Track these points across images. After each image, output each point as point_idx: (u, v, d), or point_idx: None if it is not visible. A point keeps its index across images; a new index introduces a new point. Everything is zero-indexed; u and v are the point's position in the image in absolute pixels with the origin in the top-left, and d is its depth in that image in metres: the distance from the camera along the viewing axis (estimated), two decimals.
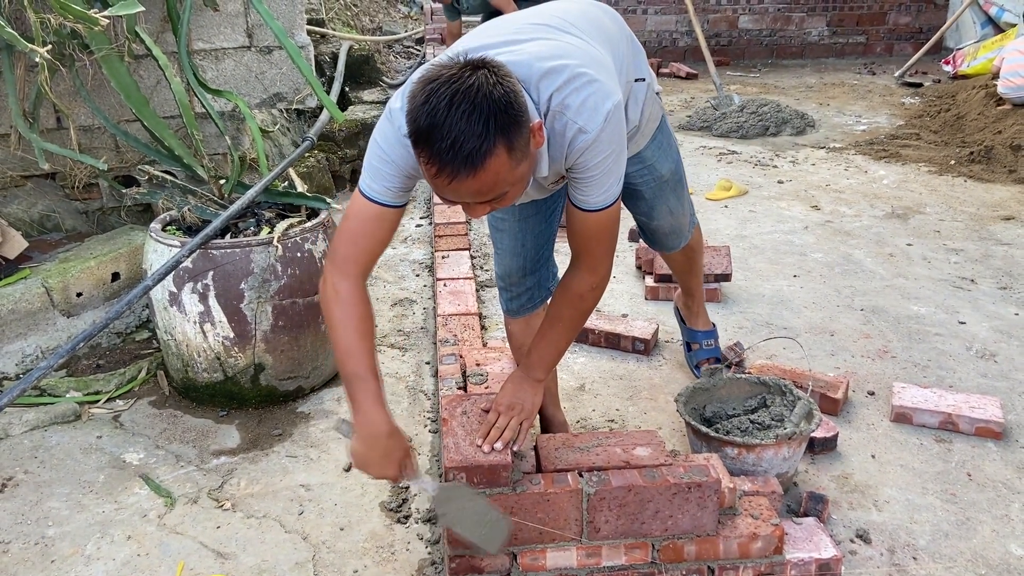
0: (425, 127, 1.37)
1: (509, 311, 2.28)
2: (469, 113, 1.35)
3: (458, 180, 1.39)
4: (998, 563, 1.99)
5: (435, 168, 1.39)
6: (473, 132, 1.35)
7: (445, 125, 1.35)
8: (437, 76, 1.40)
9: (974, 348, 2.99)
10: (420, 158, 1.42)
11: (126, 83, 2.87)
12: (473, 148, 1.36)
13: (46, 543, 2.12)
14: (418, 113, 1.38)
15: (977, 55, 6.87)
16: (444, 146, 1.36)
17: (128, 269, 3.15)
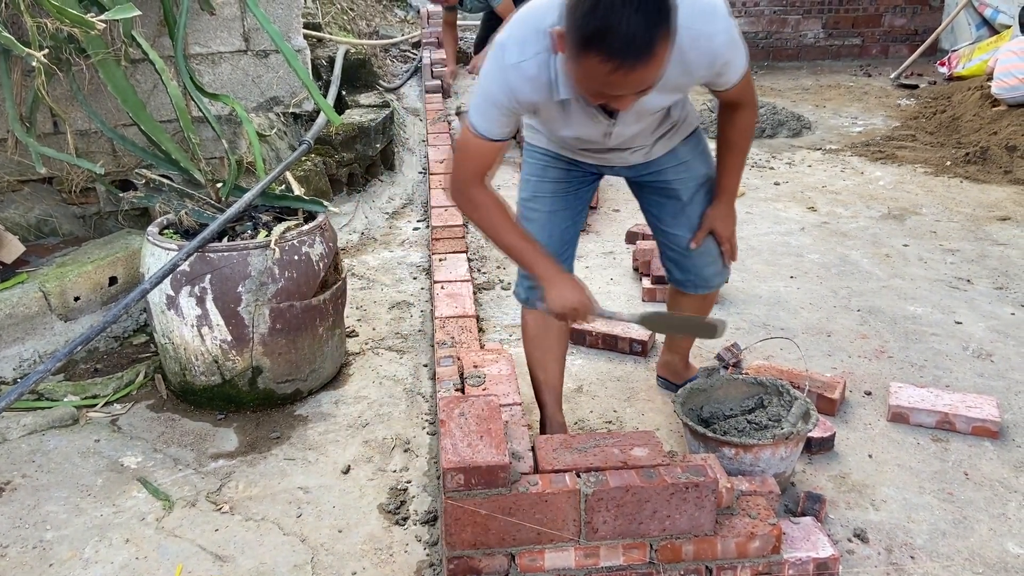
0: (600, 28, 1.49)
1: (528, 301, 2.29)
2: (640, 6, 1.48)
3: (635, 72, 1.54)
4: (995, 561, 2.00)
5: (612, 64, 1.52)
6: (646, 23, 1.49)
7: (621, 23, 1.47)
8: None
9: (970, 348, 2.99)
10: (594, 57, 1.53)
11: (123, 87, 2.87)
12: (648, 39, 1.50)
13: (44, 547, 2.12)
14: (588, 18, 1.50)
15: (972, 56, 6.88)
16: (621, 44, 1.49)
17: (125, 273, 3.15)
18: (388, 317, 3.39)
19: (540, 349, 2.35)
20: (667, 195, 2.26)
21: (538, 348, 2.34)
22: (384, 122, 4.89)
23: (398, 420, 2.66)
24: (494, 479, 1.73)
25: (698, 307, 2.44)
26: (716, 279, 2.35)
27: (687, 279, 2.36)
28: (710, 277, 2.34)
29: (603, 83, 1.58)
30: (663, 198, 2.27)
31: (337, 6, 7.57)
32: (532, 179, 2.23)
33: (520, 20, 1.80)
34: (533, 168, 2.23)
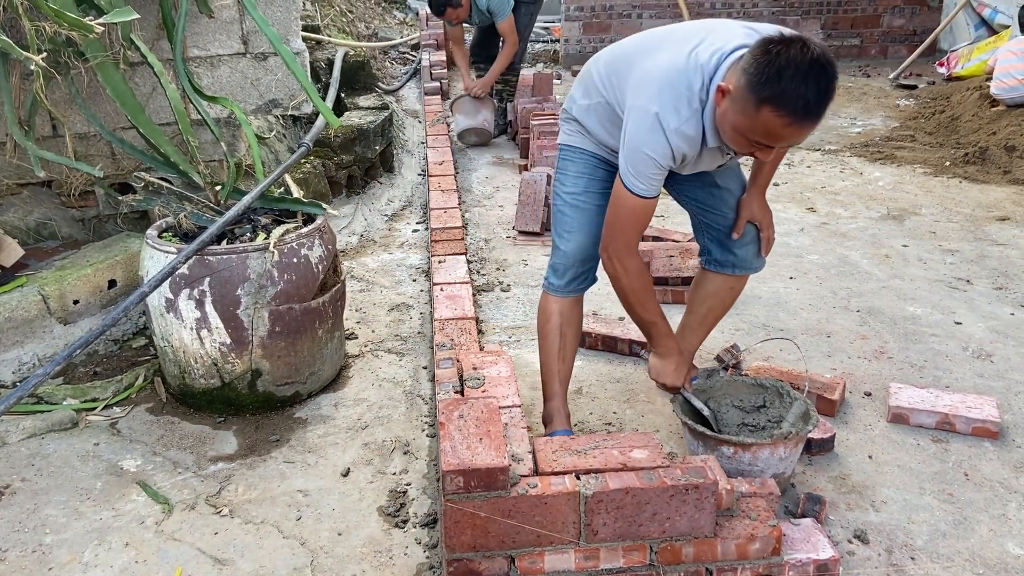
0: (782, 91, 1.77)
1: (566, 290, 2.40)
2: (818, 77, 1.76)
3: (803, 130, 1.83)
4: (996, 562, 2.00)
5: (787, 121, 1.80)
6: (821, 91, 1.78)
7: (802, 88, 1.76)
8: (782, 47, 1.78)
9: (970, 348, 2.99)
10: (771, 114, 1.79)
11: (122, 90, 2.87)
12: (822, 105, 1.80)
13: (44, 551, 2.12)
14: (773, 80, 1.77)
15: (971, 57, 6.88)
16: (800, 105, 1.77)
17: (125, 276, 3.15)
18: (387, 319, 3.39)
19: (563, 338, 2.42)
20: (703, 182, 2.35)
21: (561, 337, 2.42)
22: (383, 124, 4.89)
23: (397, 422, 2.66)
24: (494, 481, 1.72)
25: (725, 293, 2.50)
26: (755, 262, 2.44)
27: (726, 259, 2.43)
28: (747, 259, 2.42)
29: (772, 136, 1.84)
30: (698, 182, 2.35)
31: (336, 8, 7.58)
32: (583, 177, 2.34)
33: (666, 87, 1.98)
34: (582, 167, 2.34)
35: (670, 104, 1.97)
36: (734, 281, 2.46)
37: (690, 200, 2.43)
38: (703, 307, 2.53)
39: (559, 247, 2.38)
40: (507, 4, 5.44)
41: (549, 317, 2.43)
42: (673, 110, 1.97)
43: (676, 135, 1.98)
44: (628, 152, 2.05)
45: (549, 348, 2.43)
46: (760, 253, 2.43)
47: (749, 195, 2.37)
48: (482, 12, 5.54)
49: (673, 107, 1.97)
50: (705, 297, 2.51)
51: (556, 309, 2.41)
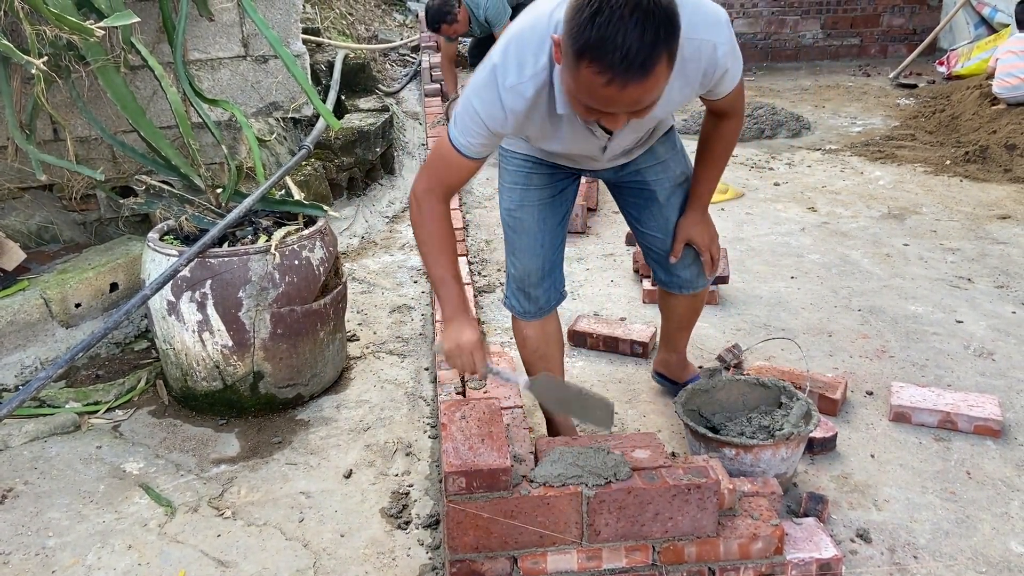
0: (596, 39, 1.44)
1: (526, 314, 2.26)
2: (642, 22, 1.42)
3: (629, 87, 1.48)
4: (998, 560, 2.00)
5: (606, 77, 1.46)
6: (646, 41, 1.43)
7: (620, 35, 1.42)
8: None
9: (972, 347, 2.99)
10: (588, 68, 1.47)
11: (122, 94, 2.87)
12: (646, 56, 1.44)
13: (47, 554, 2.12)
14: (586, 26, 1.45)
15: (971, 56, 6.89)
16: (618, 56, 1.44)
17: (126, 279, 3.15)
18: (389, 321, 3.39)
19: (544, 359, 2.33)
20: (645, 196, 2.25)
21: (541, 359, 2.33)
22: (383, 126, 4.90)
23: (399, 424, 2.66)
24: (496, 482, 1.72)
25: (687, 309, 2.45)
26: (698, 281, 2.35)
27: (670, 280, 2.36)
28: (691, 279, 2.34)
29: (597, 97, 1.52)
30: (641, 199, 2.26)
31: (336, 11, 7.58)
32: (517, 187, 2.18)
33: (514, 39, 1.74)
34: (516, 176, 2.18)
35: (513, 59, 1.72)
36: (688, 299, 2.40)
37: (632, 219, 2.33)
38: (675, 317, 2.50)
39: (511, 269, 2.25)
40: (503, 13, 5.44)
41: (525, 342, 2.32)
42: (516, 66, 1.72)
43: (511, 93, 1.72)
44: (461, 100, 1.81)
45: (535, 371, 2.34)
46: (705, 274, 2.33)
47: (686, 217, 2.24)
48: (481, 23, 5.54)
49: (516, 62, 1.72)
50: (672, 309, 2.47)
51: (529, 333, 2.30)
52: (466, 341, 1.86)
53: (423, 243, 1.92)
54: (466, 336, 1.86)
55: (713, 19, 1.76)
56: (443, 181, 1.89)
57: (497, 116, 1.76)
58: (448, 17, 5.42)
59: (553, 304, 2.28)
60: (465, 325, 1.88)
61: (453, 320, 1.89)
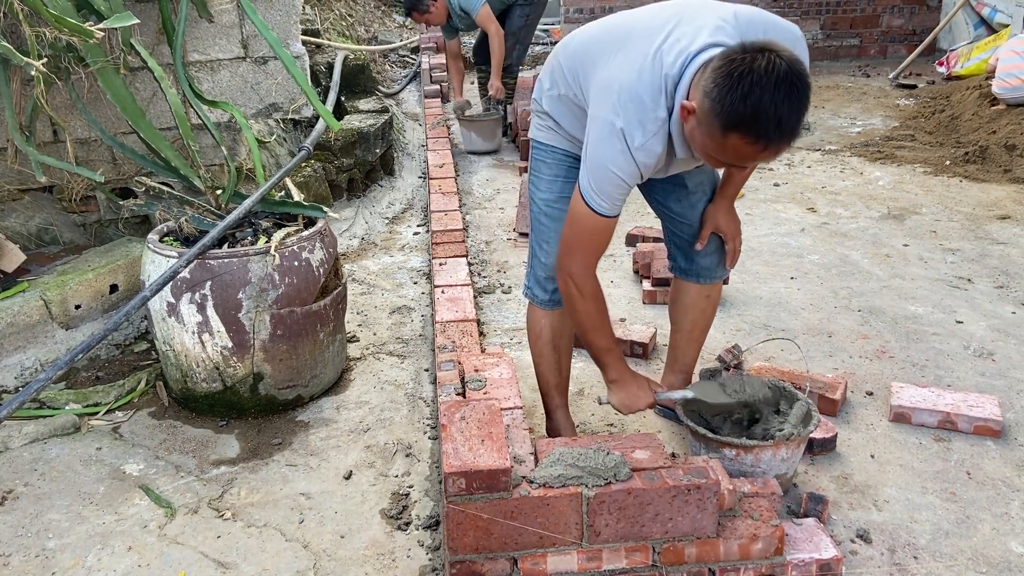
0: (751, 115, 1.60)
1: (549, 302, 2.31)
2: (790, 95, 1.60)
3: (779, 151, 1.68)
4: (999, 561, 2.00)
5: (760, 146, 1.65)
6: (795, 111, 1.62)
7: (771, 108, 1.59)
8: (745, 66, 1.60)
9: (972, 347, 2.99)
10: (740, 139, 1.64)
11: (122, 95, 2.87)
12: (796, 123, 1.64)
13: (47, 555, 2.12)
14: (738, 103, 1.60)
15: (971, 56, 6.89)
16: (772, 127, 1.61)
17: (126, 281, 3.15)
18: (389, 322, 3.39)
19: (557, 351, 2.36)
20: (674, 182, 2.27)
21: (555, 350, 2.36)
22: (383, 127, 4.90)
23: (399, 425, 2.66)
24: (496, 483, 1.72)
25: (702, 307, 2.43)
26: (716, 271, 2.37)
27: (689, 267, 2.37)
28: (710, 268, 2.35)
29: (743, 158, 1.70)
30: (668, 184, 2.28)
31: (336, 12, 7.59)
32: (558, 180, 2.21)
33: (627, 96, 1.82)
34: (557, 169, 2.21)
35: (635, 118, 1.81)
36: (708, 289, 2.40)
37: (658, 204, 2.34)
38: (686, 321, 2.47)
39: (539, 258, 2.28)
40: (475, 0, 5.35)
41: (540, 332, 2.35)
42: (638, 124, 1.81)
43: (642, 152, 1.84)
44: (591, 167, 1.90)
45: (545, 363, 2.38)
46: (725, 264, 2.35)
47: (715, 205, 2.27)
48: (457, 14, 5.49)
49: (638, 121, 1.81)
50: (685, 310, 2.46)
51: (546, 323, 2.33)
52: (642, 401, 2.17)
53: (587, 320, 2.08)
54: (640, 394, 2.17)
55: (791, 37, 1.87)
56: (597, 252, 2.02)
57: (635, 174, 1.88)
58: (420, 6, 5.36)
59: None
60: (637, 382, 2.17)
61: (626, 382, 2.16)
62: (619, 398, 2.17)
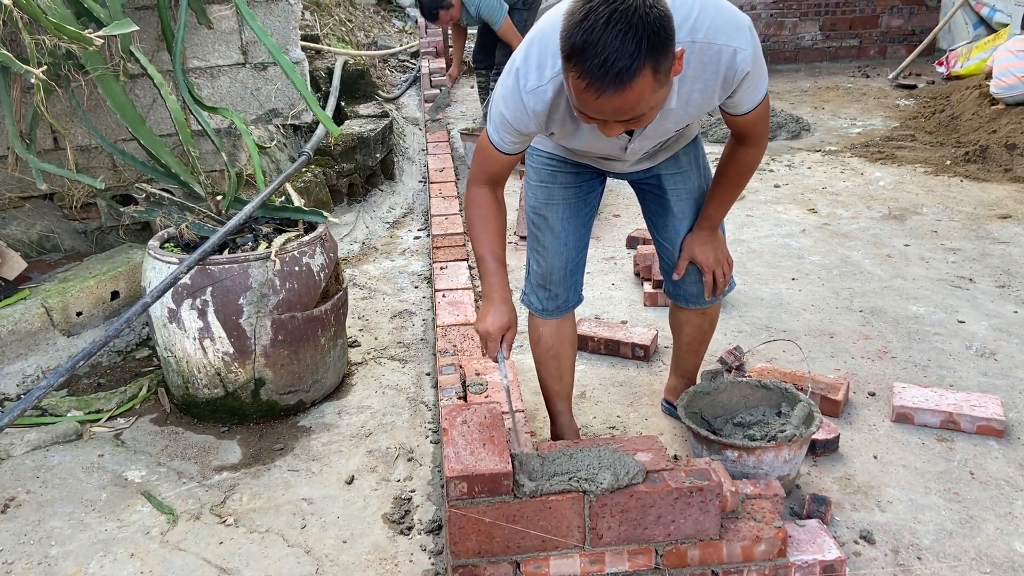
0: (580, 44, 1.46)
1: (545, 311, 2.27)
2: (624, 32, 1.43)
3: (605, 96, 1.49)
4: (1003, 561, 1.99)
5: (584, 83, 1.49)
6: (625, 51, 1.43)
7: (600, 43, 1.43)
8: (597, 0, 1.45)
9: (974, 347, 2.99)
10: (571, 72, 1.50)
11: (122, 102, 2.88)
12: (623, 67, 1.44)
13: (49, 562, 2.12)
14: (574, 30, 1.47)
15: (970, 56, 6.89)
16: (596, 63, 1.44)
17: (127, 287, 3.16)
18: (390, 326, 3.39)
19: (557, 359, 2.33)
20: (661, 203, 2.25)
21: (555, 358, 2.33)
22: (383, 132, 4.91)
23: (401, 429, 2.66)
24: (497, 487, 1.72)
25: (695, 328, 2.43)
26: (701, 299, 2.32)
27: (677, 292, 2.35)
28: (696, 295, 2.31)
29: (581, 102, 1.55)
30: (657, 206, 2.26)
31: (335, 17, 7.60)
32: (543, 185, 2.20)
33: (536, 40, 1.76)
34: (542, 174, 2.20)
35: (534, 61, 1.75)
36: (699, 314, 2.37)
37: (650, 225, 2.32)
38: (684, 335, 2.47)
39: (533, 266, 2.25)
40: (499, 11, 5.40)
41: (539, 339, 2.32)
42: (536, 68, 1.75)
43: (532, 95, 1.76)
44: (493, 99, 1.87)
45: (546, 371, 2.36)
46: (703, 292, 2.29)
47: (692, 235, 2.22)
48: (471, 16, 5.52)
49: (537, 64, 1.74)
50: (681, 326, 2.45)
51: (545, 331, 2.30)
52: (495, 324, 1.95)
53: (470, 226, 2.01)
54: (498, 319, 1.96)
55: (734, 24, 1.74)
56: (485, 171, 1.99)
57: (521, 118, 1.81)
58: (444, 3, 5.39)
59: (572, 304, 2.29)
60: (503, 308, 1.96)
61: (486, 298, 1.99)
62: (478, 321, 1.98)
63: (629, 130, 1.72)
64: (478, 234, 2.00)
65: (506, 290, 1.99)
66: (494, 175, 2.00)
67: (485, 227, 1.99)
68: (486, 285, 1.99)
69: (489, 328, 1.94)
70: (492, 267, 1.98)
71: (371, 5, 10.31)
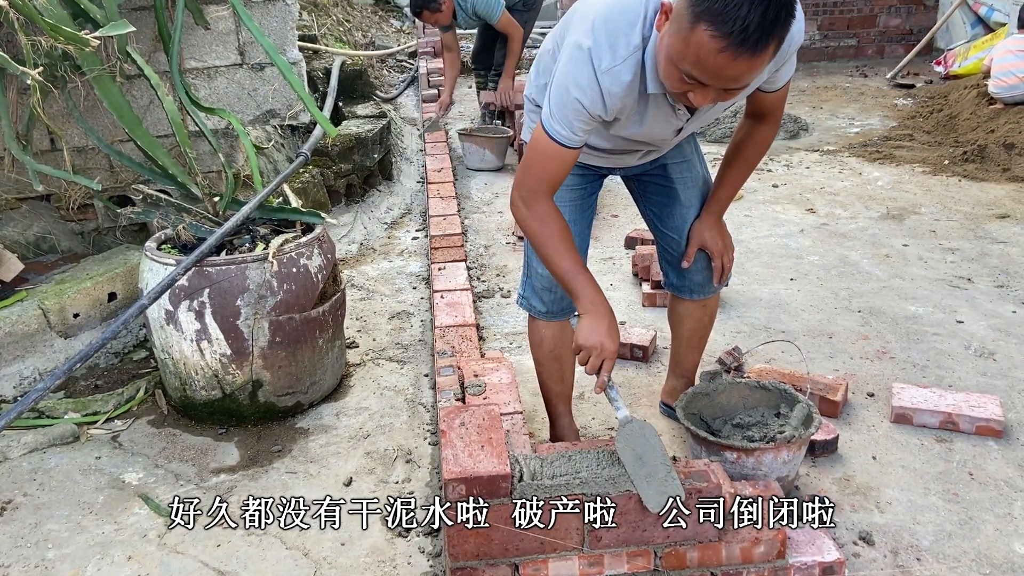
0: (720, 6, 1.47)
1: (550, 314, 2.26)
2: (767, 1, 1.46)
3: (739, 60, 1.50)
4: (1002, 562, 1.99)
5: (721, 44, 1.49)
6: (767, 19, 1.46)
7: (743, 8, 1.45)
8: None
9: (972, 347, 2.98)
10: (706, 32, 1.49)
11: (119, 103, 2.87)
12: (762, 34, 1.47)
13: (46, 565, 2.11)
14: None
15: (968, 55, 6.89)
16: (739, 27, 1.46)
17: (124, 289, 3.15)
18: (388, 327, 3.38)
19: (559, 360, 2.33)
20: (667, 194, 2.25)
21: (556, 360, 2.32)
22: (381, 132, 4.90)
23: (399, 431, 2.65)
24: (496, 489, 1.72)
25: (696, 321, 2.43)
26: (708, 287, 2.34)
27: (682, 284, 2.35)
28: (702, 284, 2.33)
29: (702, 64, 1.54)
30: (664, 197, 2.26)
31: (333, 18, 7.59)
32: None
33: (602, 19, 1.71)
34: None
35: (605, 41, 1.70)
36: (704, 301, 2.38)
37: (652, 218, 2.32)
38: (684, 330, 2.47)
39: (536, 269, 2.21)
40: (495, 5, 5.37)
41: (540, 342, 2.30)
42: (608, 47, 1.70)
43: (608, 77, 1.71)
44: (554, 91, 1.79)
45: (548, 373, 2.35)
46: (711, 280, 2.31)
47: (701, 221, 2.24)
48: (468, 16, 5.49)
49: (608, 44, 1.70)
50: (681, 320, 2.45)
51: (546, 334, 2.29)
52: (608, 344, 1.83)
53: (542, 244, 1.89)
54: (609, 338, 1.83)
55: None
56: (549, 179, 1.87)
57: (598, 102, 1.74)
58: (432, 4, 5.37)
59: (573, 308, 2.26)
60: (608, 323, 1.84)
61: (597, 311, 1.86)
62: (586, 338, 1.84)
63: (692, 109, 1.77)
64: (559, 249, 1.88)
65: (607, 302, 1.90)
66: (556, 179, 1.88)
67: (564, 240, 1.89)
68: (587, 299, 1.86)
69: (609, 344, 1.82)
70: (587, 279, 1.89)
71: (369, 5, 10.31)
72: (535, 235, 1.90)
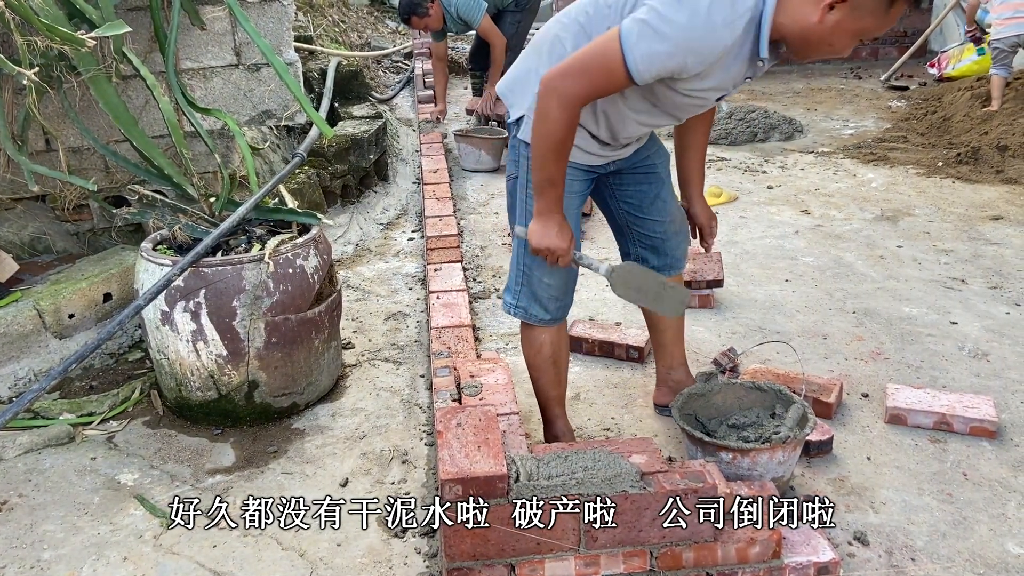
0: None
1: (552, 320, 2.28)
2: None
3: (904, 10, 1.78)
4: (996, 562, 2.00)
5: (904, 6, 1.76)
6: None
7: None
8: None
9: (966, 348, 3.00)
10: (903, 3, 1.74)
11: (114, 104, 2.87)
12: None
13: (42, 567, 2.11)
14: None
15: (962, 57, 6.92)
16: None
17: (120, 289, 3.14)
18: (384, 328, 3.38)
19: (556, 364, 2.34)
20: (651, 180, 2.32)
21: (555, 364, 2.34)
22: (377, 133, 4.90)
23: (395, 432, 2.65)
24: (492, 489, 1.72)
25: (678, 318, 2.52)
26: (684, 259, 2.47)
27: (664, 263, 2.41)
28: (681, 257, 2.45)
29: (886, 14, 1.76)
30: (646, 184, 2.32)
31: (329, 19, 7.59)
32: None
33: None
34: None
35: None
36: (677, 279, 2.47)
37: (629, 206, 2.34)
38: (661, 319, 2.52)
39: (542, 279, 2.19)
40: (476, 9, 5.36)
41: (540, 348, 2.31)
42: (729, 4, 1.69)
43: (726, 29, 1.70)
44: (652, 17, 1.70)
45: (546, 378, 2.36)
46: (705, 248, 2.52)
47: (693, 204, 2.42)
48: (454, 20, 5.48)
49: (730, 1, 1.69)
50: None
51: (547, 339, 2.29)
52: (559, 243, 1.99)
53: (551, 147, 1.89)
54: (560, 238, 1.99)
55: None
56: (597, 91, 1.84)
57: (697, 48, 1.72)
58: (419, 10, 5.36)
59: (568, 310, 2.32)
60: (557, 226, 1.98)
61: (547, 215, 1.98)
62: (536, 231, 1.98)
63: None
64: (560, 156, 1.90)
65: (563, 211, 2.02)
66: (601, 96, 1.88)
67: (567, 150, 1.92)
68: (547, 202, 1.96)
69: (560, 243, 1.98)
70: (560, 192, 1.97)
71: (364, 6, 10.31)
72: (551, 136, 1.87)
